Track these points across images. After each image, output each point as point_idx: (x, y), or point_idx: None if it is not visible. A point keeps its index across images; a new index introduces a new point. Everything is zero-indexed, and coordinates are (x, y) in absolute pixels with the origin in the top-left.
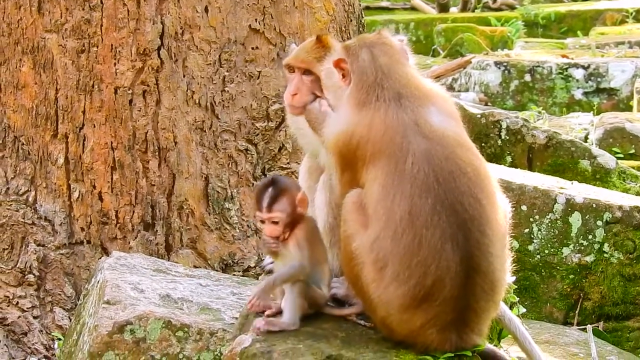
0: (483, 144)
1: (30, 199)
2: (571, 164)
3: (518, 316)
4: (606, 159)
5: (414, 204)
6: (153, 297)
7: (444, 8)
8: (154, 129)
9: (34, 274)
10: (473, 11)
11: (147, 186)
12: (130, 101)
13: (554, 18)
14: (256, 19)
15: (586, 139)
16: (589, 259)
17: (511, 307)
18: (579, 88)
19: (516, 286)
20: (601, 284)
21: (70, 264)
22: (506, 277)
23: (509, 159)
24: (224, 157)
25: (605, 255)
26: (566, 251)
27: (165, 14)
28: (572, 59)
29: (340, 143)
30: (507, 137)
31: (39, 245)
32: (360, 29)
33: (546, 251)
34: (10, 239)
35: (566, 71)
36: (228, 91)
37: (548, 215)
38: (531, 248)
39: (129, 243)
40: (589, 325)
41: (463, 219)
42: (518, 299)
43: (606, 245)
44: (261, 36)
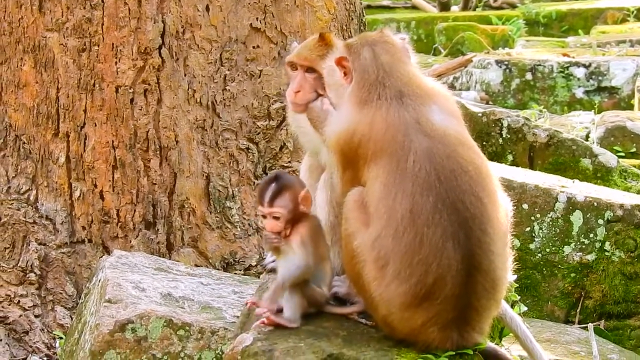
0: (484, 143)
1: (31, 197)
2: (572, 162)
3: (519, 315)
4: (607, 158)
5: (415, 202)
6: (154, 296)
7: (445, 7)
8: (155, 128)
9: (35, 273)
10: (474, 10)
11: (149, 185)
12: (132, 100)
13: (555, 17)
14: (257, 18)
15: (587, 137)
16: (590, 257)
17: (512, 306)
18: (580, 87)
19: (517, 284)
20: (602, 283)
21: (71, 262)
22: (507, 276)
23: (510, 157)
24: (225, 155)
25: (607, 253)
26: (567, 250)
27: (166, 12)
28: (573, 57)
29: (342, 141)
30: (508, 136)
31: (40, 244)
32: (362, 28)
33: (547, 250)
34: (12, 238)
35: (567, 70)
36: (229, 90)
37: (549, 213)
38: (532, 246)
39: (130, 242)
40: (590, 324)
41: (464, 217)
42: (519, 297)
43: (607, 243)
44: (262, 35)
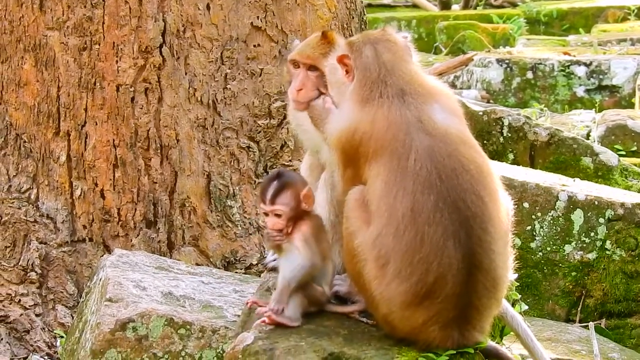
0: (485, 142)
1: (32, 196)
2: (573, 161)
3: (520, 313)
4: (608, 156)
5: (416, 200)
6: (155, 295)
7: (445, 5)
8: (156, 127)
9: (36, 272)
10: (475, 8)
11: (149, 184)
12: (132, 99)
13: (556, 15)
14: (258, 17)
15: (588, 136)
16: (591, 256)
17: (513, 305)
18: (581, 85)
19: (518, 283)
20: (603, 281)
21: (72, 261)
22: (508, 275)
23: (511, 156)
24: (226, 154)
25: (608, 252)
26: (568, 248)
27: (167, 11)
28: (574, 56)
29: (343, 139)
30: (509, 135)
31: (41, 243)
32: (362, 27)
33: (548, 248)
34: (13, 237)
35: (568, 68)
36: (230, 89)
37: (550, 212)
38: (533, 245)
39: (131, 241)
40: (591, 323)
41: (465, 216)
42: (520, 296)
43: (608, 242)
44: (263, 34)
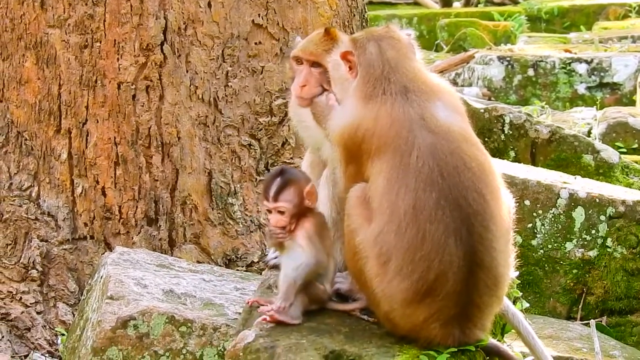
0: (486, 139)
1: (33, 194)
2: (574, 158)
3: (521, 311)
4: (609, 154)
5: (418, 198)
6: (156, 293)
7: (447, 3)
8: (157, 124)
9: (37, 270)
10: (476, 6)
11: (151, 181)
12: (134, 96)
13: (557, 13)
14: (259, 14)
15: (589, 133)
16: (592, 253)
17: (514, 302)
18: (582, 83)
19: (519, 281)
20: (604, 279)
21: (73, 259)
22: (509, 272)
23: (512, 153)
24: (227, 152)
25: (609, 250)
26: (569, 246)
27: (168, 9)
28: (575, 53)
29: (346, 136)
30: (510, 132)
31: (42, 241)
32: (363, 24)
33: (549, 246)
34: (14, 235)
35: (569, 66)
36: (231, 86)
37: (551, 210)
38: (534, 243)
39: (132, 238)
40: (592, 320)
41: (467, 213)
42: (521, 293)
43: (609, 240)
44: (264, 31)
